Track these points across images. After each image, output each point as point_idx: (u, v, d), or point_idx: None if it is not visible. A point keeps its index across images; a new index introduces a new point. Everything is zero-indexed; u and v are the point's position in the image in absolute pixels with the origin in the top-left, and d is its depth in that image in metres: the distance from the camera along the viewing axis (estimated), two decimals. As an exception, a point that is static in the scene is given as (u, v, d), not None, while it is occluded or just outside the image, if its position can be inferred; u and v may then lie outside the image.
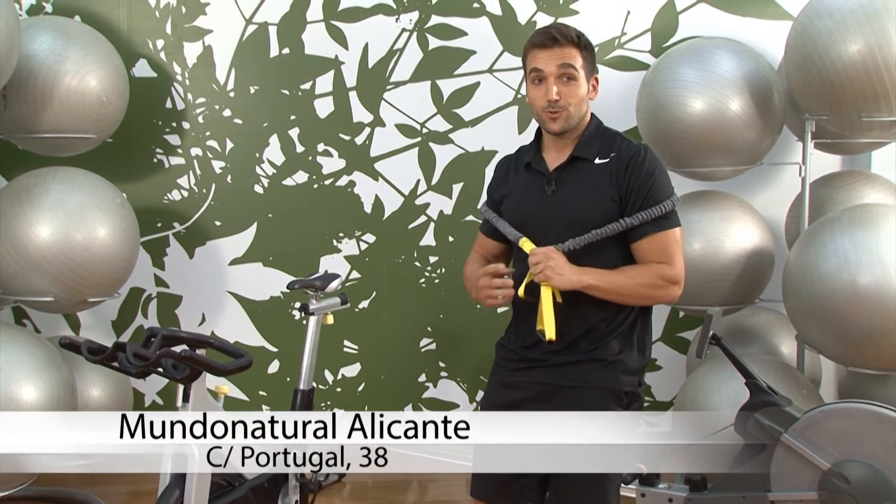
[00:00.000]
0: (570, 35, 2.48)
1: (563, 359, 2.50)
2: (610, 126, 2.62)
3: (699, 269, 3.96)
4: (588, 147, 2.52)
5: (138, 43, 4.47)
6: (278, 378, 4.64)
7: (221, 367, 2.77)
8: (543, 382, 2.52)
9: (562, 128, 2.50)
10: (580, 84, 2.49)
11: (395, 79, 4.54)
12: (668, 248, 2.44)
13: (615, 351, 2.47)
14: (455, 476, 4.38)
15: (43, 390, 3.53)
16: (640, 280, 2.40)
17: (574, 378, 2.48)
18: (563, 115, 2.48)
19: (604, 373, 2.46)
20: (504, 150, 4.39)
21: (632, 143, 2.52)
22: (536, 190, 2.56)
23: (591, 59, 2.53)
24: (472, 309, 4.64)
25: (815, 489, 3.22)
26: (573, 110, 2.49)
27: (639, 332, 2.52)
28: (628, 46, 4.49)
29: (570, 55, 2.47)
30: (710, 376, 3.85)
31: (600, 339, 2.48)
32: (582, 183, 2.50)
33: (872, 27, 3.51)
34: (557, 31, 2.48)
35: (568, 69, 2.46)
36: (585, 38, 2.52)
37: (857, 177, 4.25)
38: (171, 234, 4.59)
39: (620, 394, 2.47)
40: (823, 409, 3.28)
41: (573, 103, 2.48)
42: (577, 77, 2.47)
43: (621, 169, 2.46)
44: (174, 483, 2.81)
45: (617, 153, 2.49)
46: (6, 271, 3.75)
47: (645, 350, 2.54)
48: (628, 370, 2.47)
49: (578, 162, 2.52)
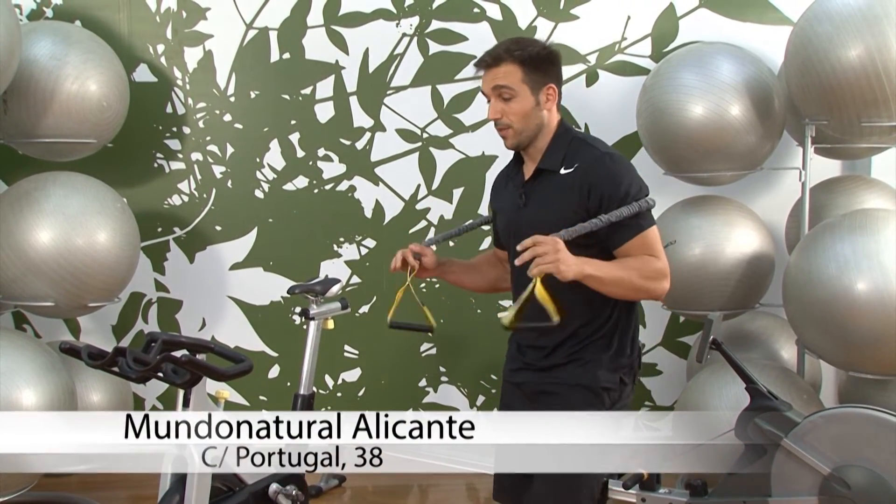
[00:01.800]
0: (502, 55, 2.47)
1: (546, 363, 2.55)
2: (611, 129, 2.63)
3: (699, 274, 3.96)
4: (552, 158, 2.51)
5: (139, 48, 4.47)
6: (279, 383, 4.64)
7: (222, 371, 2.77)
8: (531, 383, 2.59)
9: (513, 144, 2.54)
10: (520, 100, 2.48)
11: (395, 83, 4.55)
12: (652, 245, 2.43)
13: (592, 353, 2.50)
14: (455, 481, 4.38)
15: (43, 395, 3.53)
16: (635, 270, 2.39)
17: (554, 378, 2.53)
18: (510, 132, 2.51)
19: (581, 371, 2.50)
20: (504, 155, 4.39)
21: (596, 151, 2.48)
22: (513, 205, 2.60)
23: (538, 70, 2.49)
24: (473, 314, 4.64)
25: (816, 494, 3.22)
26: (518, 127, 2.49)
27: (619, 334, 2.52)
28: (629, 51, 4.49)
29: (504, 74, 2.47)
30: (711, 381, 3.85)
31: (580, 343, 2.51)
32: (549, 195, 2.50)
33: (872, 32, 3.51)
34: (490, 53, 2.50)
35: (501, 89, 2.48)
36: (526, 51, 2.48)
37: (857, 182, 4.25)
38: (171, 239, 4.59)
39: (598, 389, 2.50)
40: (823, 414, 3.28)
41: (514, 120, 2.49)
42: (516, 94, 2.47)
43: (585, 180, 2.43)
44: (174, 487, 2.80)
45: (580, 162, 2.47)
46: (6, 276, 3.75)
47: (625, 349, 2.53)
48: (607, 367, 2.50)
49: (545, 174, 2.52)
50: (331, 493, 4.26)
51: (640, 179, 2.48)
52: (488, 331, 4.63)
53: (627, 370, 2.54)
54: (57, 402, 3.60)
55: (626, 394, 2.55)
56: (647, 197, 2.45)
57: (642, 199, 2.42)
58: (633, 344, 2.57)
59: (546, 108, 2.52)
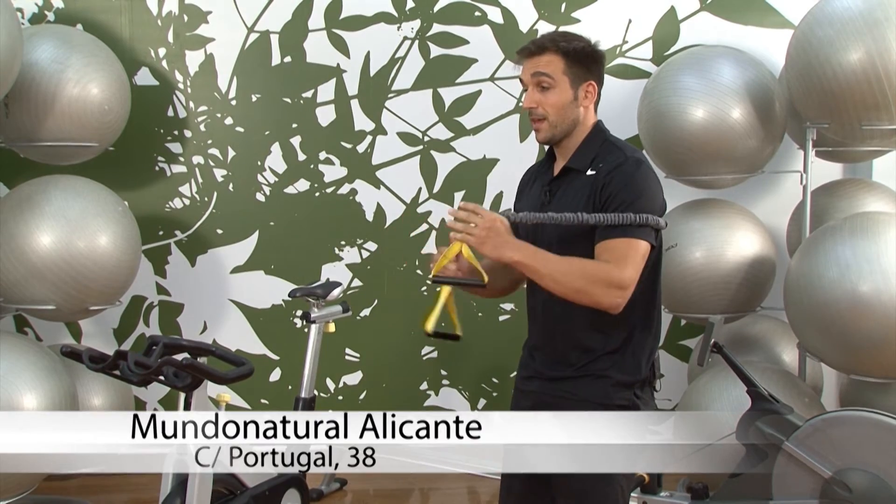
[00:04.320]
0: (546, 43, 2.42)
1: (556, 373, 2.47)
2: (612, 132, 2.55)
3: (700, 278, 3.96)
4: (582, 158, 2.44)
5: (140, 51, 4.48)
6: (280, 386, 4.64)
7: (223, 375, 2.77)
8: (542, 393, 2.51)
9: (545, 138, 2.45)
10: (559, 91, 2.40)
11: (396, 87, 4.55)
12: (625, 253, 2.30)
13: (605, 366, 2.41)
14: (456, 484, 4.38)
15: (44, 398, 3.53)
16: (582, 272, 2.28)
17: (566, 390, 2.45)
18: (545, 124, 2.42)
19: (594, 387, 2.41)
20: (505, 158, 4.44)
21: (622, 155, 2.39)
22: (537, 202, 2.51)
23: (580, 64, 2.42)
24: (474, 317, 4.64)
25: (817, 497, 3.22)
26: (553, 119, 2.41)
27: (632, 348, 2.45)
28: (630, 55, 4.50)
29: (544, 63, 2.41)
30: (712, 384, 3.85)
31: (590, 355, 2.42)
32: (571, 195, 2.42)
33: (873, 36, 3.51)
34: (534, 41, 2.44)
35: (541, 77, 2.40)
36: (571, 44, 2.42)
37: (858, 185, 4.25)
38: (172, 243, 4.60)
39: (613, 407, 2.41)
40: (825, 418, 3.28)
41: (551, 112, 2.41)
42: (554, 84, 2.40)
43: (600, 178, 2.36)
44: (175, 490, 2.81)
45: (604, 164, 2.39)
46: (8, 279, 3.76)
47: (640, 365, 2.46)
48: (619, 383, 2.41)
49: (572, 173, 2.44)
50: (332, 496, 4.26)
51: (659, 198, 2.39)
52: (490, 334, 4.63)
53: (640, 386, 2.46)
54: (58, 405, 3.60)
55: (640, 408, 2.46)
56: (658, 217, 2.33)
57: (649, 216, 2.30)
58: (648, 361, 2.49)
59: (584, 104, 2.44)
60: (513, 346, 4.54)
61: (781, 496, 3.27)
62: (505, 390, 4.67)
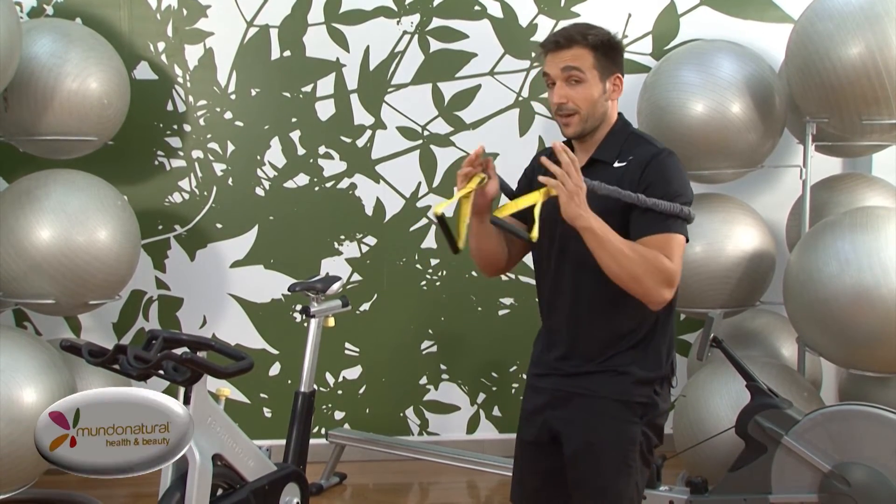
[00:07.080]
0: (575, 36, 2.38)
1: (575, 368, 2.44)
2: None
3: (700, 272, 3.96)
4: (609, 149, 2.43)
5: (139, 45, 4.47)
6: (279, 381, 4.64)
7: (222, 369, 2.78)
8: (558, 389, 2.48)
9: (575, 132, 2.41)
10: (589, 86, 2.38)
11: (396, 81, 4.55)
12: (672, 249, 2.30)
13: (626, 362, 2.39)
14: (456, 480, 4.39)
15: (44, 393, 3.53)
16: (643, 259, 2.25)
17: (585, 387, 2.42)
18: (575, 119, 2.39)
19: (614, 383, 2.39)
20: (506, 152, 4.44)
21: (653, 148, 2.40)
22: None
23: (607, 57, 2.40)
24: (474, 311, 4.64)
25: (816, 491, 3.23)
26: (585, 113, 2.39)
27: (654, 344, 2.42)
28: (629, 49, 4.49)
29: (575, 57, 2.37)
30: (711, 379, 3.85)
31: (612, 350, 2.40)
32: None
33: (873, 30, 3.51)
34: (562, 34, 2.40)
35: (572, 72, 2.36)
36: (599, 38, 2.39)
37: (857, 180, 4.25)
38: (172, 237, 4.59)
39: (632, 404, 2.39)
40: (824, 412, 3.29)
41: (583, 106, 2.38)
42: (585, 79, 2.37)
43: (638, 169, 2.35)
44: (175, 485, 2.81)
45: (635, 156, 2.38)
46: (7, 274, 3.76)
47: (661, 361, 2.43)
48: (640, 380, 2.39)
49: (598, 165, 2.42)
50: (331, 490, 4.26)
51: (689, 186, 2.40)
52: (489, 329, 4.64)
53: (660, 382, 2.44)
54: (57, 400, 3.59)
55: (659, 410, 2.43)
56: (690, 208, 2.35)
57: (685, 206, 2.33)
58: (668, 356, 2.46)
59: (612, 97, 2.44)
60: (512, 341, 4.59)
61: (780, 490, 3.28)
62: (504, 385, 4.67)
